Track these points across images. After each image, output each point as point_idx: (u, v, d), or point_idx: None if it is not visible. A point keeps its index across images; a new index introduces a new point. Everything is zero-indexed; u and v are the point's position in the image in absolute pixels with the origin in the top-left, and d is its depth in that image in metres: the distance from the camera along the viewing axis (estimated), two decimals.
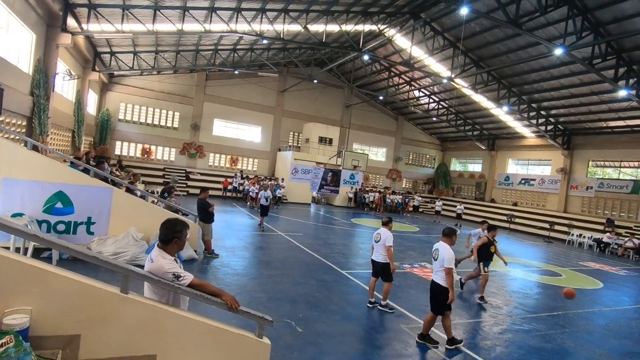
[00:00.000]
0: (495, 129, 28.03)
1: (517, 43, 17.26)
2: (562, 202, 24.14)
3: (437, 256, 5.10)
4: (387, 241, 6.15)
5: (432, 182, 34.44)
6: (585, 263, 14.08)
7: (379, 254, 6.28)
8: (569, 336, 6.06)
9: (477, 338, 5.51)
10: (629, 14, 13.37)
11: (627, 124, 20.48)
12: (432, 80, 23.79)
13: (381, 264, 6.27)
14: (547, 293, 9.09)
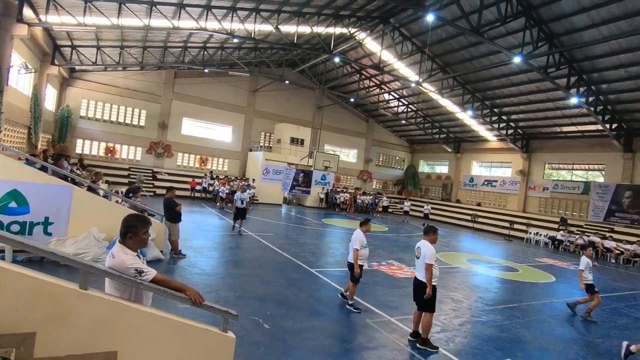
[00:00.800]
0: (461, 132, 29.19)
1: (479, 51, 18.11)
2: (522, 202, 25.51)
3: (419, 254, 5.15)
4: (354, 243, 6.19)
5: (402, 183, 35.32)
6: (541, 259, 14.97)
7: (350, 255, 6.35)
8: (522, 326, 6.47)
9: (438, 329, 5.76)
10: (579, 27, 14.41)
11: (579, 129, 21.97)
12: (401, 84, 24.45)
13: (347, 264, 6.43)
14: (505, 287, 9.61)
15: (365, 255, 6.28)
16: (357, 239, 6.15)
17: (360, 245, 6.11)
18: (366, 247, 6.32)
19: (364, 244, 6.19)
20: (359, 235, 6.22)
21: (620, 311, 8.35)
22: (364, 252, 6.24)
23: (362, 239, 6.18)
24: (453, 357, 4.85)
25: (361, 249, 6.13)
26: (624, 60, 15.19)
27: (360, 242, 6.13)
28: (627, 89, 17.12)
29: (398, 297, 7.28)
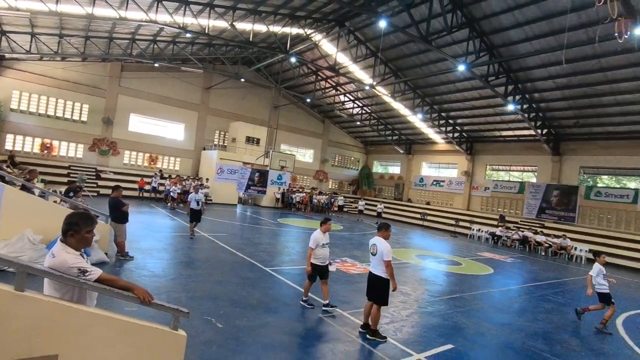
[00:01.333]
0: (412, 135, 30.56)
1: (429, 57, 19.13)
2: (466, 201, 27.27)
3: (375, 251, 5.32)
4: (310, 242, 6.20)
5: (357, 183, 36.20)
6: (482, 253, 16.16)
7: None
8: (463, 314, 6.99)
9: (387, 320, 6.07)
10: (515, 41, 15.76)
11: (515, 134, 23.96)
12: (356, 86, 25.09)
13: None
14: (449, 280, 10.28)
15: (323, 255, 6.19)
16: (313, 238, 6.14)
17: (315, 244, 6.09)
18: (324, 247, 6.22)
19: (320, 243, 6.13)
20: (315, 235, 6.19)
21: (547, 297, 9.29)
22: (320, 251, 6.16)
23: (317, 238, 6.13)
24: (400, 345, 5.15)
25: (317, 248, 6.11)
26: (552, 72, 16.84)
27: (315, 241, 6.10)
28: (555, 99, 19.01)
29: (351, 292, 7.53)
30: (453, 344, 5.40)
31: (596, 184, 21.62)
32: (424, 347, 5.18)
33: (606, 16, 9.88)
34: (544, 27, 14.45)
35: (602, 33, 11.48)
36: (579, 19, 13.18)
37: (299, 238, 14.53)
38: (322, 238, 6.19)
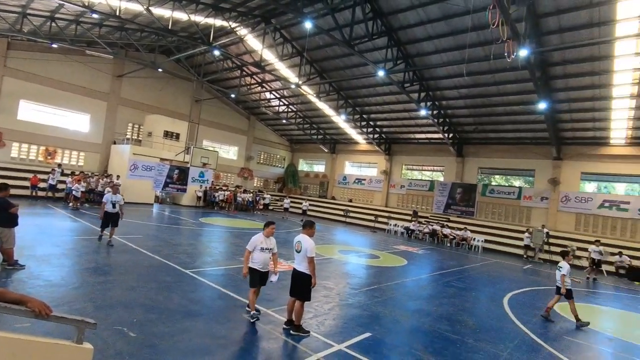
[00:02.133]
0: (336, 135, 31.64)
1: (352, 61, 19.99)
2: (384, 198, 29.18)
3: (300, 248, 5.44)
4: (248, 244, 5.81)
5: (282, 181, 36.26)
6: (397, 246, 17.48)
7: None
8: (380, 303, 7.52)
9: (311, 315, 6.25)
10: (426, 52, 17.29)
11: (427, 137, 26.34)
12: (282, 84, 25.10)
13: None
14: (369, 272, 10.93)
15: (261, 260, 5.73)
16: (251, 240, 5.77)
17: (252, 247, 5.73)
18: (264, 251, 5.76)
19: (258, 247, 5.72)
20: (255, 237, 5.80)
21: (451, 284, 10.45)
22: (258, 255, 5.73)
23: (255, 241, 5.75)
24: (323, 338, 5.36)
25: (255, 252, 5.74)
26: (457, 83, 18.89)
27: (252, 243, 5.73)
28: (458, 106, 21.36)
29: (275, 289, 7.55)
30: (371, 332, 5.79)
31: (490, 183, 24.86)
32: (344, 337, 5.46)
33: (498, 37, 11.43)
34: (450, 42, 16.12)
35: (495, 51, 13.22)
36: (478, 38, 14.99)
37: (222, 238, 14.08)
38: (262, 242, 5.76)
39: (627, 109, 16.93)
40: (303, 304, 5.44)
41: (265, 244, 5.79)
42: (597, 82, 15.73)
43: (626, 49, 13.61)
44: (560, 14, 12.96)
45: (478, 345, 5.84)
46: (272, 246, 5.88)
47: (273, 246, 5.89)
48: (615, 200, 19.93)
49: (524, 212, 22.76)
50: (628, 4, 11.84)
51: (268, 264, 5.86)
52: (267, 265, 5.84)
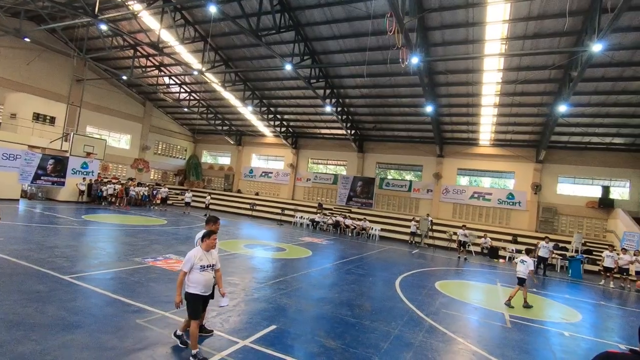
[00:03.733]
0: (242, 126, 30.83)
1: (259, 52, 19.64)
2: (291, 191, 29.63)
3: None
4: (183, 263, 4.63)
5: (184, 174, 33.95)
6: (303, 238, 17.97)
7: None
8: (286, 295, 7.65)
9: (214, 314, 6.03)
10: (332, 50, 17.97)
11: (332, 132, 27.51)
12: (183, 69, 23.35)
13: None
14: (275, 265, 11.01)
15: (202, 283, 4.52)
16: (187, 258, 4.55)
17: (189, 266, 4.48)
18: (205, 270, 4.54)
19: (196, 265, 4.50)
20: (191, 253, 4.58)
21: (351, 271, 11.18)
22: (198, 276, 4.48)
23: (192, 258, 4.51)
24: (227, 335, 5.23)
25: (192, 272, 4.49)
26: (358, 82, 20.11)
27: (189, 261, 4.50)
28: (360, 105, 22.79)
29: (175, 290, 7.08)
30: (276, 325, 5.86)
31: (386, 177, 27.22)
32: (249, 332, 5.42)
33: (394, 44, 12.50)
34: (353, 43, 17.04)
35: (392, 57, 14.43)
36: (377, 42, 16.15)
37: (111, 237, 12.59)
38: (201, 258, 4.54)
39: (491, 116, 20.23)
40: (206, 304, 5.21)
41: (205, 260, 4.56)
42: (470, 92, 18.41)
43: (492, 65, 16.22)
44: (443, 29, 14.76)
45: (374, 326, 6.40)
46: (215, 261, 4.71)
47: (216, 261, 4.72)
48: (482, 192, 23.78)
49: (413, 203, 25.55)
50: (494, 26, 14.11)
51: (211, 285, 4.72)
52: (210, 287, 4.69)
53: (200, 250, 4.61)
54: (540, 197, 22.19)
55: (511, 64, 15.81)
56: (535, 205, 22.18)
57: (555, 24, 13.23)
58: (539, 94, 17.48)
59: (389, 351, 5.40)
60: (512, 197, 22.85)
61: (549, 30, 13.66)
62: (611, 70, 14.86)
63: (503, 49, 15.08)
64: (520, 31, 14.06)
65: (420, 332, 6.40)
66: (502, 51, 15.13)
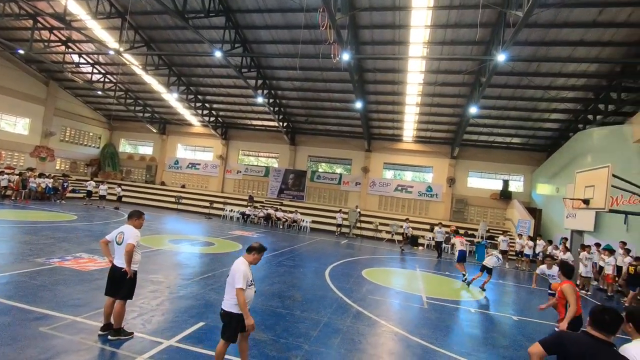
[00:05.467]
0: (167, 114, 28.78)
1: (186, 36, 18.44)
2: (220, 183, 28.60)
3: (121, 240, 4.83)
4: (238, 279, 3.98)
5: (98, 164, 30.66)
6: (233, 232, 17.53)
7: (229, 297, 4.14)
8: (215, 291, 7.42)
9: (135, 315, 5.62)
10: (264, 40, 17.62)
11: (263, 124, 27.08)
12: (96, 47, 20.94)
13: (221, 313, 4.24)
14: (202, 261, 10.59)
15: (250, 298, 4.17)
16: (242, 273, 3.96)
17: (246, 283, 3.98)
18: (251, 287, 4.17)
19: (250, 280, 4.09)
20: (244, 268, 4.04)
21: (282, 263, 11.24)
22: (248, 293, 4.10)
23: (246, 274, 4.01)
24: (149, 337, 4.92)
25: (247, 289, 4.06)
26: (291, 75, 20.04)
27: (245, 277, 3.97)
28: (292, 97, 22.77)
29: (88, 292, 6.44)
30: (204, 321, 5.67)
31: (318, 170, 27.73)
32: (175, 332, 5.16)
33: (327, 39, 12.71)
34: (286, 35, 16.90)
35: (324, 51, 14.65)
36: (310, 36, 16.24)
37: (5, 235, 10.91)
38: (249, 272, 4.10)
39: (414, 114, 21.73)
40: (124, 304, 4.83)
41: (250, 274, 4.14)
42: (396, 90, 19.54)
43: (415, 67, 17.38)
44: (373, 28, 15.40)
45: (304, 316, 6.54)
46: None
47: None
48: (405, 185, 25.53)
49: (343, 196, 26.44)
50: (417, 30, 15.11)
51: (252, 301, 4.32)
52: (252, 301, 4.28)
53: (247, 263, 4.15)
54: (454, 189, 24.57)
55: (432, 67, 17.11)
56: (449, 197, 24.50)
57: (469, 33, 14.64)
58: (454, 96, 19.23)
59: (318, 338, 5.57)
60: (430, 190, 24.93)
61: (464, 38, 15.08)
62: (512, 79, 16.94)
63: (425, 52, 16.26)
64: (439, 37, 15.28)
65: (347, 318, 6.71)
66: (424, 54, 16.30)
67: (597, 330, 2.47)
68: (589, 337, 2.46)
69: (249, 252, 4.20)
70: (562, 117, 19.51)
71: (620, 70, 15.29)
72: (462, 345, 6.11)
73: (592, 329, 2.50)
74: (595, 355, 2.38)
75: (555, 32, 13.78)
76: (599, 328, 2.47)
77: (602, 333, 2.46)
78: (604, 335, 2.45)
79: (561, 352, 2.46)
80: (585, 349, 2.40)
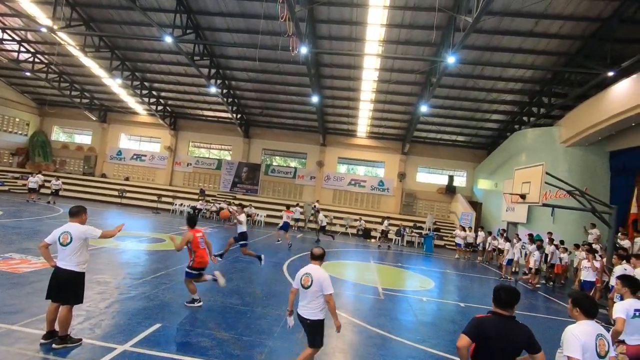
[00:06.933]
0: (108, 100, 26.66)
1: (132, 17, 17.16)
2: (169, 176, 27.21)
3: (68, 240, 4.40)
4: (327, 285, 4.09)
5: (26, 154, 27.62)
6: (184, 227, 16.77)
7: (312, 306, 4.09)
8: (169, 290, 7.08)
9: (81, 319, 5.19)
10: (218, 28, 16.95)
11: (216, 115, 26.14)
12: (24, 23, 18.73)
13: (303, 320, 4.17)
14: (153, 258, 10.04)
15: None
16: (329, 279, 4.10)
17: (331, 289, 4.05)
18: None
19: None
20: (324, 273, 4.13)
21: (239, 259, 11.00)
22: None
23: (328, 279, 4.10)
24: (100, 342, 4.57)
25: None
26: (247, 66, 19.52)
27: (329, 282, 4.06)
28: (247, 89, 22.22)
29: (23, 297, 5.82)
30: (160, 322, 5.39)
31: (272, 163, 27.43)
32: (128, 335, 4.85)
33: (284, 31, 12.53)
34: (242, 24, 16.38)
35: (282, 44, 14.43)
36: (267, 26, 15.90)
37: None
38: None
39: (368, 110, 22.26)
40: (71, 309, 4.44)
41: None
42: (352, 86, 19.85)
43: (370, 64, 17.77)
44: (331, 23, 15.45)
45: (265, 312, 6.48)
46: None
47: None
48: (358, 179, 26.17)
49: (298, 189, 26.45)
50: (373, 28, 15.43)
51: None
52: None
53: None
54: (404, 184, 25.66)
55: (386, 65, 17.61)
56: (400, 191, 25.56)
57: (422, 34, 15.25)
58: (406, 94, 19.98)
59: (281, 334, 5.56)
60: (382, 184, 25.80)
61: (417, 39, 15.68)
62: (459, 80, 17.99)
63: (380, 51, 16.67)
64: (394, 36, 15.74)
65: None
66: (379, 52, 16.71)
67: (500, 307, 2.78)
68: (498, 316, 2.75)
69: (322, 259, 4.34)
70: (501, 117, 21.14)
71: (551, 77, 16.90)
72: (417, 332, 6.45)
73: (496, 307, 2.81)
74: (505, 329, 2.69)
75: (499, 38, 14.84)
76: (501, 305, 2.78)
77: (505, 309, 2.76)
78: (507, 311, 2.76)
79: (482, 335, 2.68)
80: (500, 328, 2.69)
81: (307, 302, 4.08)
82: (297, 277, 4.24)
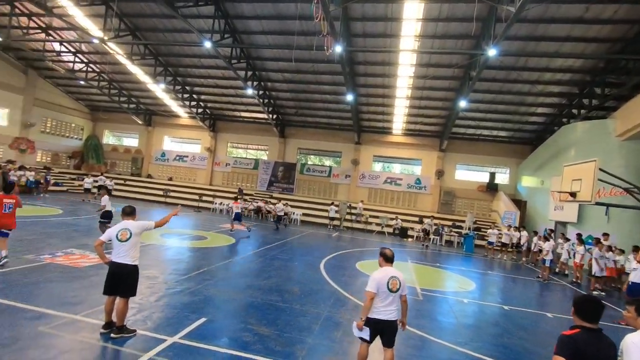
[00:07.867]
0: (152, 105, 28.15)
1: (174, 25, 17.98)
2: (209, 176, 28.28)
3: (126, 237, 4.77)
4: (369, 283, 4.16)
5: (81, 156, 29.84)
6: (223, 225, 17.40)
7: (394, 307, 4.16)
8: (212, 285, 7.40)
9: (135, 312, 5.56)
10: (254, 31, 17.35)
11: (252, 116, 26.79)
12: (79, 35, 20.22)
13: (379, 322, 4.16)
14: (196, 255, 10.51)
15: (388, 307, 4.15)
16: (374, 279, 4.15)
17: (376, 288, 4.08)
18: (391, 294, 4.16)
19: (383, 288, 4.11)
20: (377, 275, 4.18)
21: (277, 257, 11.25)
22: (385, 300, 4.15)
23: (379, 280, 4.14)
24: (152, 334, 4.88)
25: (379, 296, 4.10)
26: (282, 67, 19.83)
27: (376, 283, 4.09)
28: (282, 90, 22.57)
29: (83, 289, 6.33)
30: (205, 317, 5.66)
31: (307, 162, 27.69)
32: (177, 328, 5.13)
33: (318, 31, 12.60)
34: (276, 25, 16.67)
35: (317, 43, 14.51)
36: (302, 27, 16.03)
37: None
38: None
39: (403, 107, 21.84)
40: (127, 301, 4.78)
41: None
42: (386, 84, 19.57)
43: (406, 60, 17.42)
44: (365, 20, 15.32)
45: (304, 309, 6.60)
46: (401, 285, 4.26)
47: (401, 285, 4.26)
48: (394, 177, 25.77)
49: (332, 188, 26.52)
50: (409, 23, 15.11)
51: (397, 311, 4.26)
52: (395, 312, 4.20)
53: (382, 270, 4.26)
54: (442, 182, 24.94)
55: (422, 60, 17.19)
56: (438, 189, 24.87)
57: (460, 27, 14.73)
58: (444, 90, 19.39)
59: (320, 332, 5.64)
60: (419, 182, 25.25)
61: (455, 32, 15.17)
62: (500, 73, 17.18)
63: (416, 46, 16.30)
64: (431, 30, 15.33)
65: (347, 311, 6.80)
66: (415, 48, 16.34)
67: (588, 321, 2.59)
68: (587, 331, 2.57)
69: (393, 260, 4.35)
70: (547, 111, 19.95)
71: (604, 66, 15.70)
72: (458, 335, 6.28)
73: (582, 320, 2.61)
74: (599, 344, 2.51)
75: (544, 27, 14.00)
76: (588, 319, 2.59)
77: (593, 322, 2.58)
78: (595, 324, 2.58)
79: (578, 354, 2.46)
80: (594, 343, 2.51)
81: (394, 305, 4.09)
82: (376, 281, 4.04)
